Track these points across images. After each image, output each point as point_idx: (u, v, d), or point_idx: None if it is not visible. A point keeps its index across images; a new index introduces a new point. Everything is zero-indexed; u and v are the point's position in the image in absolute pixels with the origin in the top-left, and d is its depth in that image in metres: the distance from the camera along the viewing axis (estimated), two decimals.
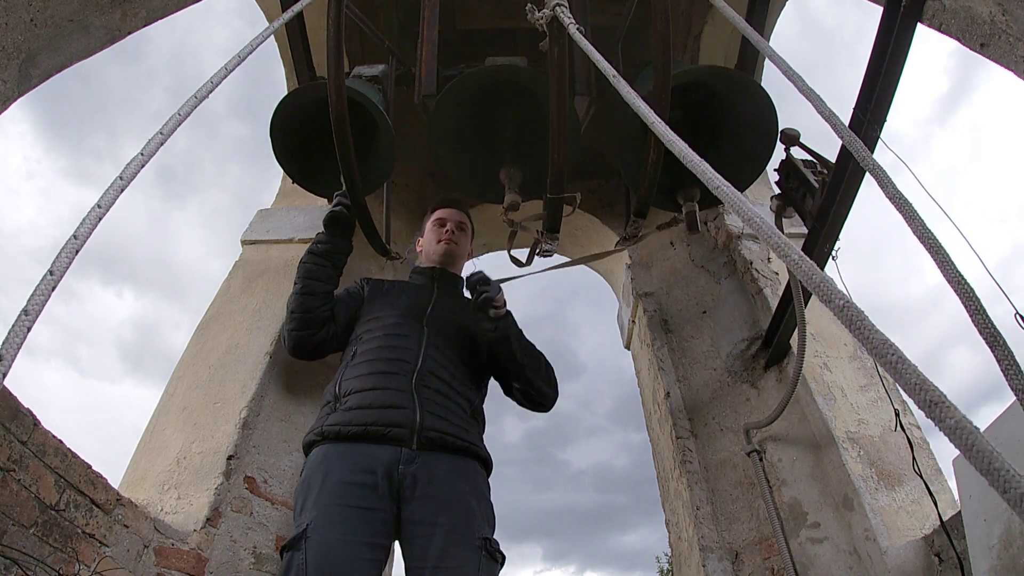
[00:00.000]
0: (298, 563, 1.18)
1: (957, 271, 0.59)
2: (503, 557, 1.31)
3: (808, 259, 0.49)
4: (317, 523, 1.23)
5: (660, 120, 0.81)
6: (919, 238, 0.64)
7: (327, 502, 1.26)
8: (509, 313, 1.61)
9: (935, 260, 0.61)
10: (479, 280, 1.57)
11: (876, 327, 0.39)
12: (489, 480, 1.48)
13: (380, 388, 1.42)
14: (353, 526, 1.23)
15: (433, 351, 1.52)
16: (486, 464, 1.48)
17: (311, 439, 1.41)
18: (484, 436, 1.56)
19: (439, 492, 1.30)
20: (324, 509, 1.25)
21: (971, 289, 0.57)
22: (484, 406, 1.63)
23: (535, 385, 1.61)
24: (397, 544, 1.33)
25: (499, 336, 1.57)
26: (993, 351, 0.53)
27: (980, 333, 0.55)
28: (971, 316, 0.55)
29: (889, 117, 1.63)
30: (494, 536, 1.34)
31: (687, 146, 0.73)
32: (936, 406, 0.33)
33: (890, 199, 0.70)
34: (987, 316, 0.55)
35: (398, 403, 1.39)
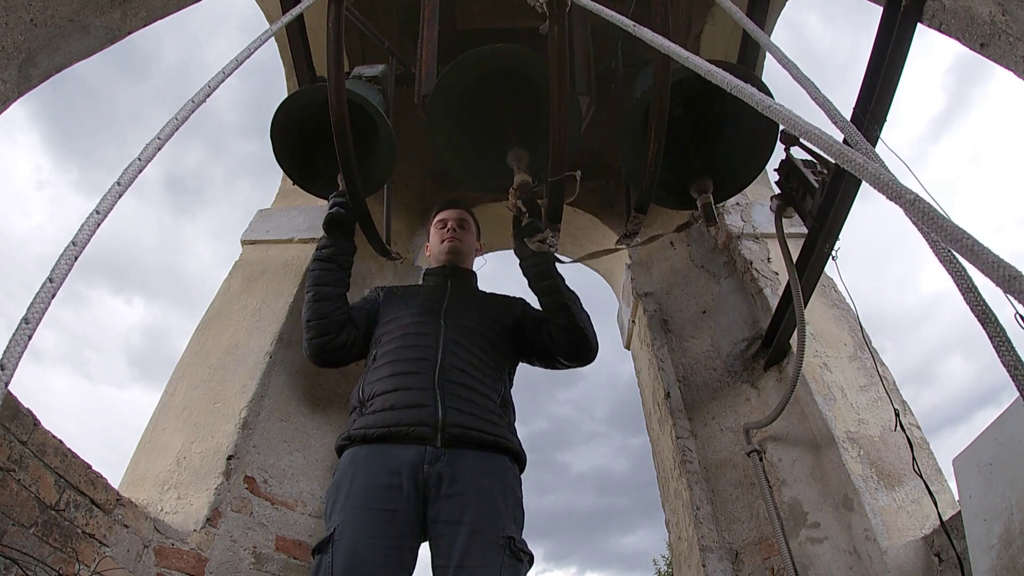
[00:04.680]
0: (325, 566, 1.20)
1: (951, 251, 0.58)
2: (529, 556, 1.30)
3: (873, 161, 0.48)
4: (344, 527, 1.24)
5: (690, 54, 0.80)
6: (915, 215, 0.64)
7: (354, 505, 1.27)
8: (554, 257, 1.66)
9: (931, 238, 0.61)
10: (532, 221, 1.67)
11: (946, 216, 0.40)
12: (521, 476, 1.46)
13: (403, 389, 1.43)
14: (379, 529, 1.24)
15: (453, 346, 1.52)
16: (517, 458, 1.46)
17: (340, 443, 1.43)
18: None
19: (464, 490, 1.30)
20: (351, 513, 1.26)
21: (963, 268, 0.56)
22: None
23: (582, 327, 1.58)
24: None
25: (544, 271, 1.60)
26: (984, 327, 0.53)
27: (972, 311, 0.54)
28: (962, 293, 0.55)
29: (885, 130, 1.62)
30: (522, 535, 1.33)
31: (725, 72, 0.71)
32: (1014, 280, 0.34)
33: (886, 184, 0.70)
34: (978, 294, 0.54)
35: (421, 402, 1.39)
